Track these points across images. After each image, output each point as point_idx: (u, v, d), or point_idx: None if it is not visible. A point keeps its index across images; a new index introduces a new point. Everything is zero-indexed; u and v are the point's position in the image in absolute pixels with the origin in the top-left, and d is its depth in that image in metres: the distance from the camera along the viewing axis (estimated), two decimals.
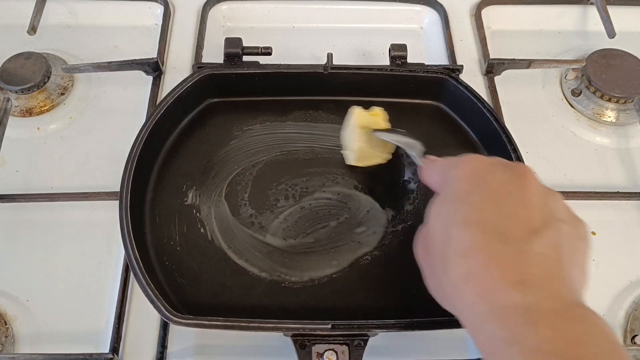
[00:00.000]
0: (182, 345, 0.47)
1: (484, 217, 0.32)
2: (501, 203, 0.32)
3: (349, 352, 0.42)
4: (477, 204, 0.33)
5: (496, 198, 0.33)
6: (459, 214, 0.33)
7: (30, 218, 0.53)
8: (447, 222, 0.33)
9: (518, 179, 0.34)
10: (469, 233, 0.31)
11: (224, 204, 0.52)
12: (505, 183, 0.33)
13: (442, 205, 0.35)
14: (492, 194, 0.33)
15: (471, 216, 0.32)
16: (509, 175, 0.34)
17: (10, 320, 0.47)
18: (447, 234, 0.33)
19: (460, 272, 0.31)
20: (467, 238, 0.31)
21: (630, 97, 0.58)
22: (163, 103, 0.52)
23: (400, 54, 0.56)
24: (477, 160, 0.36)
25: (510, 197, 0.33)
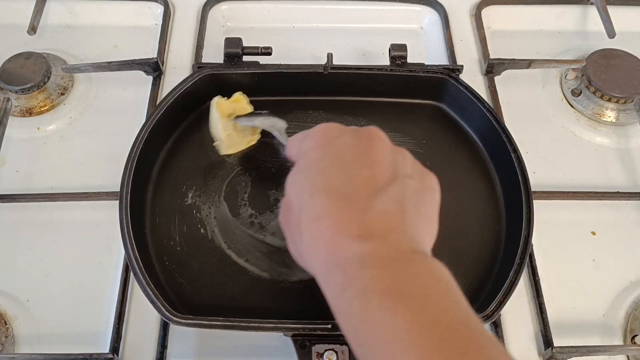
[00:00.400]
0: (182, 345, 0.47)
1: (331, 181, 0.34)
2: (348, 166, 0.34)
3: (349, 352, 0.42)
4: (325, 169, 0.34)
5: (343, 162, 0.34)
6: (309, 181, 0.34)
7: (30, 218, 0.53)
8: (300, 190, 0.35)
9: (366, 141, 0.35)
10: (319, 199, 0.33)
11: (224, 204, 0.52)
12: (353, 147, 0.35)
13: (296, 175, 0.36)
14: (339, 159, 0.35)
15: (320, 182, 0.34)
16: (357, 139, 0.36)
17: (10, 320, 0.47)
18: (300, 202, 0.34)
19: (312, 235, 0.33)
20: (317, 204, 0.33)
21: (630, 97, 0.58)
22: (163, 103, 0.52)
23: (400, 54, 0.56)
24: (328, 128, 0.37)
25: (357, 159, 0.34)
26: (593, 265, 0.52)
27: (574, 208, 0.54)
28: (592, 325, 0.49)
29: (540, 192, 0.53)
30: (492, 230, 0.51)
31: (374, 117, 0.57)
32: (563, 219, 0.54)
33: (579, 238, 0.53)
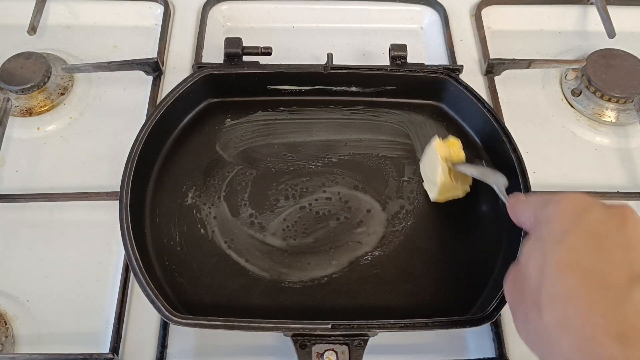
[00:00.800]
0: (182, 345, 0.47)
1: (582, 259, 0.30)
2: (601, 245, 0.30)
3: (349, 352, 0.42)
4: (574, 244, 0.30)
5: (595, 239, 0.30)
6: (555, 254, 0.31)
7: (30, 218, 0.53)
8: (542, 263, 0.31)
9: (619, 219, 0.31)
10: (566, 276, 0.29)
11: (224, 204, 0.52)
12: (605, 223, 0.31)
13: (536, 245, 0.33)
14: (591, 235, 0.30)
15: (568, 258, 0.30)
16: (609, 215, 0.32)
17: (10, 320, 0.47)
18: (541, 276, 0.31)
19: (556, 319, 0.29)
20: (564, 282, 0.29)
21: (630, 97, 0.58)
22: (163, 103, 0.52)
23: (400, 54, 0.56)
24: (575, 198, 0.33)
25: (611, 238, 0.30)
26: None
27: None
28: None
29: (540, 192, 0.53)
30: (492, 230, 0.51)
31: (374, 117, 0.57)
32: None
33: None
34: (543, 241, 0.32)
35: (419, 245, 0.50)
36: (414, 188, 0.53)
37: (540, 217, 0.34)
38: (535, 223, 0.35)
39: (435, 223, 0.51)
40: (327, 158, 0.55)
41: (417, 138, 0.56)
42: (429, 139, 0.56)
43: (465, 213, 0.52)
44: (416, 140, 0.56)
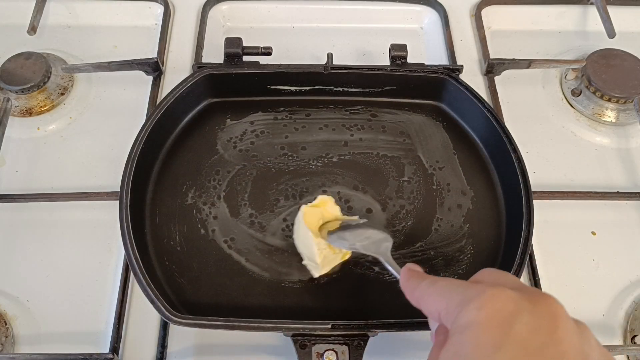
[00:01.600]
0: (182, 345, 0.47)
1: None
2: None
3: (349, 352, 0.42)
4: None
5: (529, 356, 0.27)
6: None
7: (30, 218, 0.53)
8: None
9: (549, 321, 0.28)
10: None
11: (224, 204, 0.52)
12: (536, 331, 0.28)
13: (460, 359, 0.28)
14: (524, 349, 0.27)
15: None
16: (538, 318, 0.28)
17: (10, 320, 0.47)
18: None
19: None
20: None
21: (630, 97, 0.58)
22: (163, 103, 0.52)
23: (400, 54, 0.56)
24: (499, 299, 0.29)
25: (544, 351, 0.27)
26: (593, 265, 0.52)
27: (574, 208, 0.54)
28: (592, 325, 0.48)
29: (540, 192, 0.53)
30: (492, 230, 0.51)
31: (374, 117, 0.57)
32: (563, 219, 0.54)
33: (579, 238, 0.53)
34: (467, 353, 0.28)
35: (419, 245, 0.50)
36: (414, 188, 0.53)
37: (459, 320, 0.29)
38: (450, 323, 0.30)
39: (435, 223, 0.51)
40: (327, 158, 0.55)
41: (417, 138, 0.56)
42: (429, 139, 0.56)
43: (465, 214, 0.52)
44: (416, 140, 0.56)
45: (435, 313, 0.32)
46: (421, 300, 0.33)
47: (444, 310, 0.31)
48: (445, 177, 0.54)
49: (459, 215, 0.52)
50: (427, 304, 0.33)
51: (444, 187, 0.53)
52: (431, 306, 0.32)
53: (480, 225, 0.51)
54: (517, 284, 0.32)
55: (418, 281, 0.34)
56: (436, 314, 0.32)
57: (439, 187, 0.53)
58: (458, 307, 0.29)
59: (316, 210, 0.47)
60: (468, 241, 0.50)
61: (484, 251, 0.50)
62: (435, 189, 0.53)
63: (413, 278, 0.35)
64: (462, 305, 0.29)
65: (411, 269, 0.36)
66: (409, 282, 0.35)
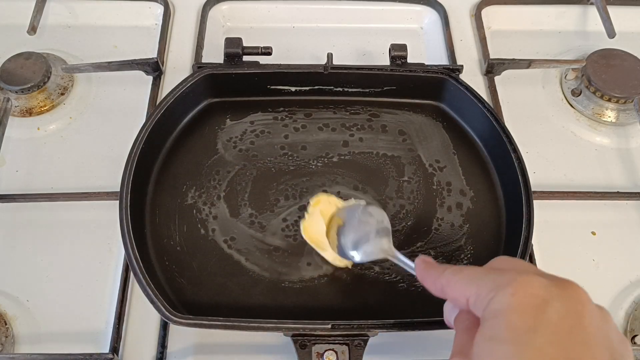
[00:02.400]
0: (182, 345, 0.47)
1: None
2: (567, 345, 0.29)
3: (349, 352, 0.42)
4: (543, 347, 0.28)
5: (561, 339, 0.29)
6: (524, 359, 0.28)
7: (30, 218, 0.53)
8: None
9: (576, 307, 0.30)
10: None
11: (224, 204, 0.52)
12: (566, 316, 0.30)
13: (497, 343, 0.29)
14: (556, 333, 0.29)
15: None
16: (567, 305, 0.30)
17: (10, 320, 0.47)
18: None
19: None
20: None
21: (630, 97, 0.58)
22: (163, 103, 0.52)
23: (400, 54, 0.56)
24: (532, 285, 0.30)
25: (574, 335, 0.29)
26: (593, 265, 0.52)
27: (574, 208, 0.54)
28: None
29: (540, 192, 0.53)
30: (492, 230, 0.51)
31: (374, 117, 0.57)
32: (563, 219, 0.54)
33: (579, 238, 0.53)
34: (504, 336, 0.29)
35: (419, 245, 0.50)
36: (414, 188, 0.53)
37: (492, 305, 0.30)
38: (482, 308, 0.31)
39: (435, 223, 0.51)
40: (327, 158, 0.55)
41: (417, 138, 0.56)
42: (429, 139, 0.56)
43: (465, 214, 0.52)
44: (416, 140, 0.56)
45: (462, 299, 0.33)
46: (447, 288, 0.35)
47: (474, 296, 0.32)
48: (445, 177, 0.54)
49: (458, 215, 0.52)
50: (453, 290, 0.34)
51: (444, 187, 0.53)
52: (458, 293, 0.33)
53: (480, 225, 0.51)
54: (538, 270, 0.34)
55: (440, 270, 0.35)
56: (464, 299, 0.33)
57: (439, 187, 0.53)
58: (491, 292, 0.31)
59: (313, 221, 0.47)
60: (468, 241, 0.50)
61: (484, 251, 0.50)
62: (435, 189, 0.53)
63: (433, 268, 0.36)
64: (496, 291, 0.30)
65: (426, 260, 0.38)
66: (429, 271, 0.36)
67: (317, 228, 0.47)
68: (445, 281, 0.35)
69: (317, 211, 0.47)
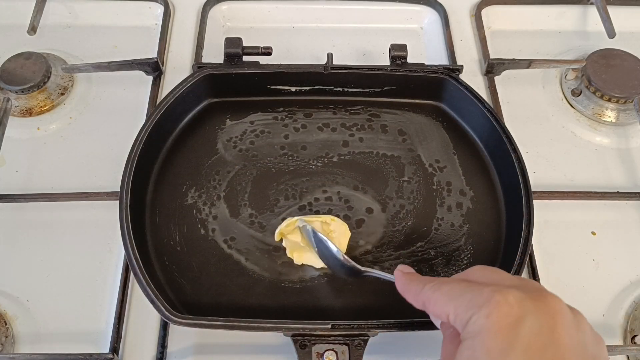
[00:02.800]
0: (182, 345, 0.47)
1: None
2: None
3: (349, 352, 0.42)
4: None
5: (534, 357, 0.30)
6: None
7: (30, 218, 0.53)
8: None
9: (549, 321, 0.31)
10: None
11: (224, 204, 0.52)
12: (539, 332, 0.30)
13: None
14: (528, 352, 0.30)
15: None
16: (540, 319, 0.31)
17: (10, 320, 0.47)
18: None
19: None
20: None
21: (630, 97, 0.58)
22: (163, 103, 0.52)
23: (400, 54, 0.56)
24: (506, 305, 0.31)
25: (547, 351, 0.30)
26: (593, 265, 0.52)
27: (574, 208, 0.54)
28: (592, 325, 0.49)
29: (540, 192, 0.53)
30: (492, 230, 0.51)
31: (374, 117, 0.57)
32: (563, 219, 0.54)
33: (579, 238, 0.53)
34: (478, 358, 0.31)
35: (419, 245, 0.50)
36: (414, 188, 0.53)
37: (469, 326, 0.31)
38: (461, 325, 0.32)
39: (435, 223, 0.51)
40: (327, 158, 0.55)
41: (417, 138, 0.56)
42: (429, 139, 0.56)
43: (465, 214, 0.52)
44: (416, 140, 0.56)
45: (443, 315, 0.34)
46: (427, 304, 0.35)
47: (452, 314, 0.33)
48: (445, 177, 0.54)
49: (458, 215, 0.52)
50: (434, 307, 0.35)
51: (444, 187, 0.53)
52: (438, 310, 0.34)
53: (480, 225, 0.51)
54: (514, 281, 0.34)
55: (420, 285, 0.36)
56: (444, 316, 0.34)
57: (439, 187, 0.53)
58: (468, 311, 0.32)
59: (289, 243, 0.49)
60: (468, 241, 0.50)
61: (484, 251, 0.50)
62: (435, 189, 0.53)
63: (413, 282, 0.37)
64: (472, 311, 0.31)
65: (404, 272, 0.39)
66: (409, 286, 0.37)
67: (296, 246, 0.48)
68: (425, 298, 0.35)
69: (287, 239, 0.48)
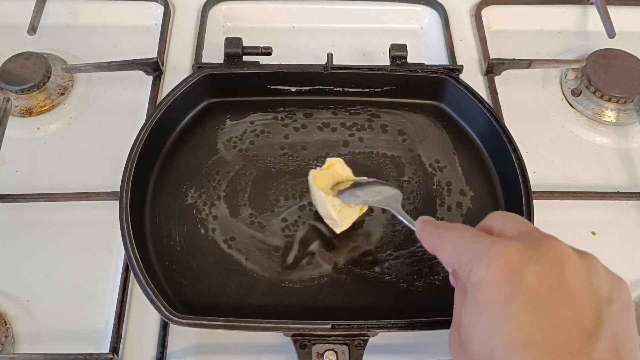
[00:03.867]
0: (182, 345, 0.47)
1: (530, 333, 0.28)
2: (545, 307, 0.28)
3: (349, 352, 0.42)
4: (519, 316, 0.28)
5: (539, 303, 0.28)
6: (501, 331, 0.28)
7: (30, 218, 0.53)
8: (490, 343, 0.29)
9: (555, 265, 0.29)
10: (520, 357, 0.27)
11: (224, 204, 0.52)
12: (544, 277, 0.29)
13: (478, 317, 0.30)
14: (533, 298, 0.28)
15: (516, 335, 0.28)
16: (545, 264, 0.29)
17: (10, 320, 0.47)
18: (491, 357, 0.28)
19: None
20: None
21: (630, 97, 0.58)
22: (163, 103, 0.52)
23: (400, 54, 0.56)
24: (506, 253, 0.30)
25: (553, 294, 0.28)
26: None
27: (574, 208, 0.54)
28: None
29: (540, 192, 0.53)
30: None
31: (374, 117, 0.57)
32: (563, 219, 0.53)
33: (579, 238, 0.53)
34: (484, 312, 0.29)
35: (419, 245, 0.50)
36: (414, 188, 0.53)
37: (470, 276, 0.31)
38: (464, 275, 0.31)
39: None
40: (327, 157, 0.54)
41: (417, 138, 0.56)
42: (429, 139, 0.56)
43: (465, 214, 0.52)
44: (416, 140, 0.56)
45: (450, 264, 0.35)
46: (436, 250, 0.36)
47: (457, 264, 0.33)
48: (445, 177, 0.54)
49: (458, 215, 0.52)
50: (442, 254, 0.35)
51: (444, 187, 0.53)
52: (446, 257, 0.35)
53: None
54: (525, 227, 0.33)
55: (432, 229, 0.36)
56: (451, 265, 0.34)
57: (439, 187, 0.53)
58: (469, 263, 0.31)
59: (326, 172, 0.48)
60: None
61: None
62: (435, 189, 0.53)
63: (427, 228, 0.37)
64: (472, 263, 0.31)
65: (425, 220, 0.38)
66: (424, 230, 0.37)
67: (326, 180, 0.47)
68: (435, 243, 0.36)
69: (331, 169, 0.48)
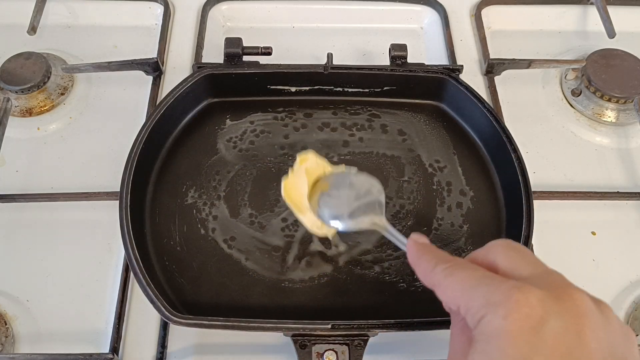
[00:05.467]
0: (182, 345, 0.47)
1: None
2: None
3: (349, 352, 0.42)
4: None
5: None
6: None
7: (30, 218, 0.53)
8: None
9: (575, 322, 0.28)
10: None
11: (224, 204, 0.52)
12: (564, 336, 0.27)
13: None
14: (552, 358, 0.27)
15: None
16: (565, 321, 0.28)
17: (10, 320, 0.47)
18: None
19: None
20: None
21: (630, 97, 0.58)
22: (163, 103, 0.52)
23: (400, 54, 0.56)
24: (526, 304, 0.27)
25: (573, 356, 0.27)
26: (593, 265, 0.51)
27: (574, 208, 0.54)
28: None
29: (540, 192, 0.53)
30: (492, 230, 0.51)
31: (374, 117, 0.57)
32: (563, 219, 0.53)
33: (579, 238, 0.53)
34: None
35: None
36: (414, 188, 0.53)
37: (482, 324, 0.28)
38: (473, 322, 0.29)
39: (435, 223, 0.51)
40: (327, 158, 0.54)
41: (417, 138, 0.56)
42: (429, 139, 0.56)
43: (465, 214, 0.52)
44: (416, 140, 0.56)
45: (454, 306, 0.31)
46: (437, 289, 0.32)
47: (464, 308, 0.30)
48: (445, 177, 0.54)
49: (458, 215, 0.52)
50: (444, 294, 0.32)
51: (444, 187, 0.53)
52: (449, 298, 0.31)
53: (480, 225, 0.51)
54: (537, 267, 0.31)
55: (431, 264, 0.33)
56: (455, 307, 0.31)
57: (439, 187, 0.53)
58: (482, 309, 0.28)
59: (297, 180, 0.43)
60: (468, 241, 0.50)
61: None
62: (435, 189, 0.53)
63: (425, 257, 0.33)
64: (486, 309, 0.28)
65: (418, 242, 0.35)
66: (420, 261, 0.34)
67: (299, 189, 0.43)
68: (436, 281, 0.32)
69: (302, 170, 0.43)
